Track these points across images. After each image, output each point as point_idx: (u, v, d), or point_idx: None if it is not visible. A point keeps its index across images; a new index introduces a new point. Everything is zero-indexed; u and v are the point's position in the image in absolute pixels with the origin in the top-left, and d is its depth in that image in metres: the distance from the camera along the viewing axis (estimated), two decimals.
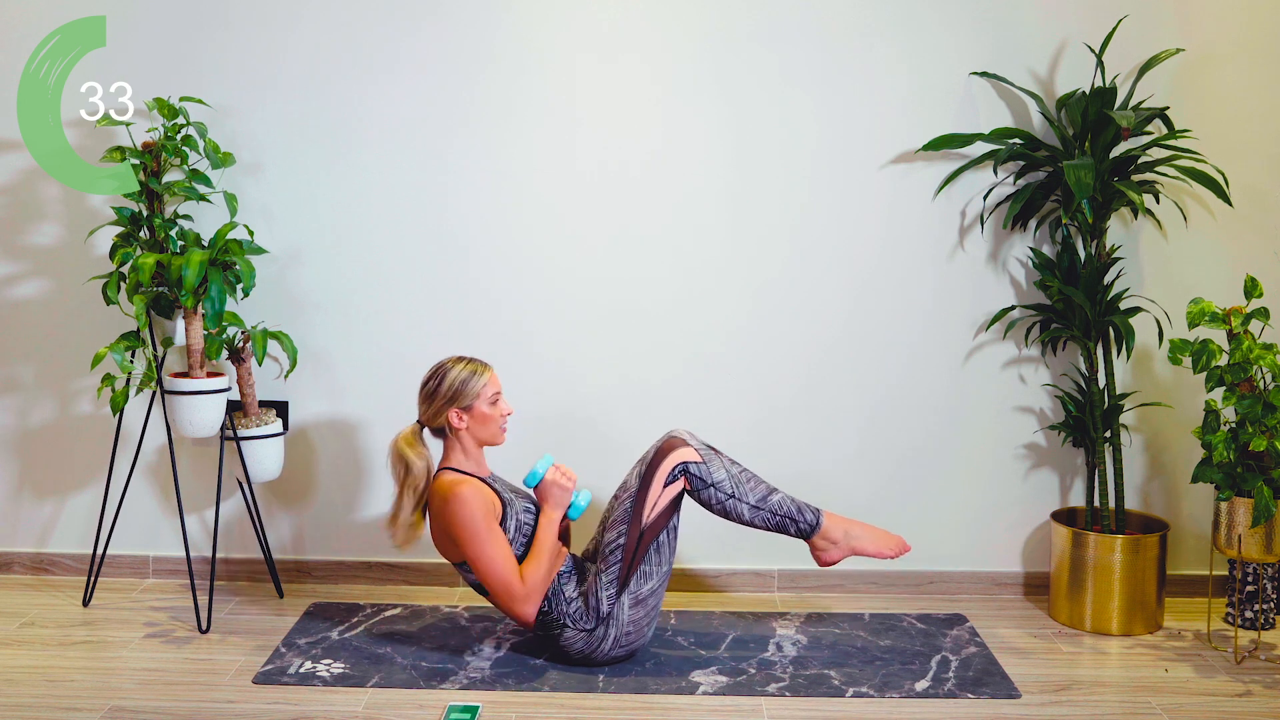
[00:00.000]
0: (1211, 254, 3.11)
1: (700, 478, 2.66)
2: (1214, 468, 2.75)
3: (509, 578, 2.61)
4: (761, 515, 2.68)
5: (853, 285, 3.16)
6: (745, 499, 2.68)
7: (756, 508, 2.68)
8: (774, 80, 3.10)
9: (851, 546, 2.70)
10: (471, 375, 2.71)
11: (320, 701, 2.51)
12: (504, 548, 2.62)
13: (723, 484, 2.67)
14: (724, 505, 2.67)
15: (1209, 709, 2.49)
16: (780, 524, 2.69)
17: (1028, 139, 3.01)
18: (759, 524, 2.69)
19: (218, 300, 2.86)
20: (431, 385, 2.72)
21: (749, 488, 2.69)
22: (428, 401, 2.72)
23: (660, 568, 2.66)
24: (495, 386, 2.74)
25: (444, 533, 2.67)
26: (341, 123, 3.14)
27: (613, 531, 2.67)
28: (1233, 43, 3.06)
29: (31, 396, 3.26)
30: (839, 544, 2.71)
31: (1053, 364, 3.17)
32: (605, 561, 2.65)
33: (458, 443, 2.73)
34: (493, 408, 2.73)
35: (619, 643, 2.65)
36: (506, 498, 2.70)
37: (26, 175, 3.19)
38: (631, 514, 2.65)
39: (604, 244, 3.16)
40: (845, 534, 2.70)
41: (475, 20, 3.10)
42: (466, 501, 2.60)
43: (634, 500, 2.66)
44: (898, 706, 2.50)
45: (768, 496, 2.69)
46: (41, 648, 2.80)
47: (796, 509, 2.69)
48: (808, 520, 2.68)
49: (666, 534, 2.66)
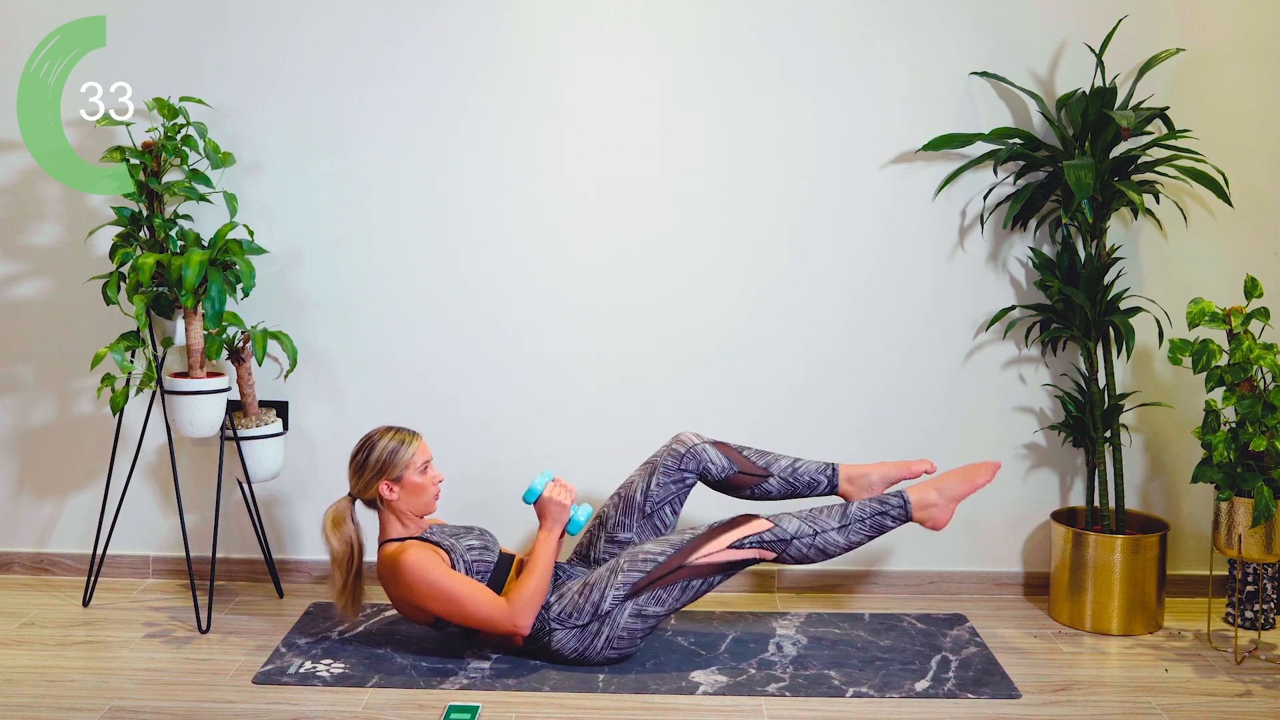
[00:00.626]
0: (1211, 254, 3.12)
1: (779, 540, 2.64)
2: (1214, 468, 2.75)
3: (490, 609, 2.60)
4: (850, 533, 2.65)
5: (853, 285, 3.16)
6: (828, 529, 2.64)
7: (844, 528, 2.64)
8: (774, 80, 3.10)
9: (952, 497, 2.69)
10: (400, 445, 2.70)
11: (320, 701, 2.51)
12: (469, 585, 2.61)
13: (802, 534, 2.64)
14: (821, 548, 2.64)
15: (1209, 709, 2.49)
16: (875, 526, 2.65)
17: (1028, 139, 3.01)
18: (857, 541, 2.66)
19: (218, 300, 2.86)
20: (360, 457, 2.71)
21: (823, 519, 2.66)
22: (358, 474, 2.72)
23: (676, 603, 2.64)
24: (425, 455, 2.72)
25: (408, 601, 2.67)
26: (341, 123, 3.14)
27: (656, 545, 2.65)
28: (1233, 43, 3.06)
29: (31, 396, 3.27)
30: (938, 505, 2.69)
31: (1053, 364, 3.17)
32: (630, 562, 2.64)
33: (392, 514, 2.73)
34: (423, 476, 2.71)
35: (611, 644, 2.64)
36: (447, 545, 2.69)
37: (26, 175, 3.19)
38: (685, 546, 2.63)
39: (604, 244, 3.16)
40: (938, 493, 2.69)
41: (475, 20, 3.10)
42: (414, 566, 2.60)
43: (694, 537, 2.65)
44: (898, 706, 2.50)
45: (844, 511, 2.66)
46: (41, 648, 2.80)
47: (878, 503, 2.66)
48: (895, 506, 2.66)
49: (702, 582, 2.64)
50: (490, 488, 3.21)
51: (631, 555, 2.66)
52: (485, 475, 3.21)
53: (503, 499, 3.20)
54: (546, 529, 2.68)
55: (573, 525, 2.72)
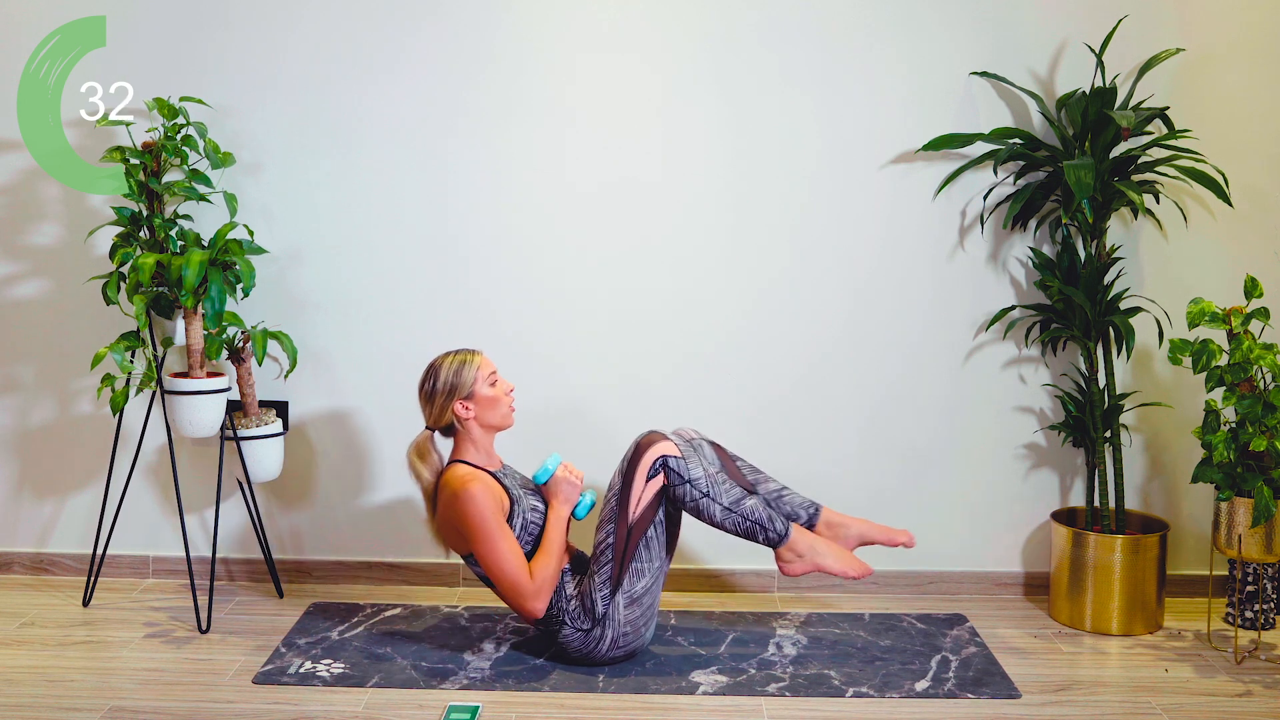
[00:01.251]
0: (1211, 254, 3.11)
1: (678, 472, 2.63)
2: (1214, 468, 2.75)
3: (518, 575, 2.61)
4: (732, 519, 2.65)
5: (853, 285, 3.16)
6: (719, 499, 2.64)
7: (729, 510, 2.64)
8: (774, 80, 3.10)
9: (815, 563, 2.68)
10: (463, 365, 2.71)
11: (320, 701, 2.51)
12: (513, 545, 2.62)
13: (699, 481, 2.64)
14: (697, 504, 2.64)
15: (1209, 709, 2.49)
16: (749, 530, 2.65)
17: (1028, 139, 3.01)
18: (729, 527, 2.66)
19: (218, 300, 2.86)
20: (429, 385, 2.72)
21: (724, 489, 2.65)
22: (429, 402, 2.72)
23: (652, 563, 2.65)
24: (490, 368, 2.74)
25: (452, 527, 2.67)
26: (341, 123, 3.14)
27: (601, 532, 2.67)
28: (1233, 43, 3.06)
29: (31, 396, 3.27)
30: (803, 558, 2.68)
31: (1053, 364, 3.17)
32: (597, 562, 2.65)
33: (468, 435, 2.73)
34: (493, 389, 2.73)
35: (616, 644, 2.65)
36: (515, 494, 2.69)
37: (26, 175, 3.19)
38: (618, 512, 2.64)
39: (604, 244, 3.16)
40: (810, 549, 2.68)
41: (475, 20, 3.10)
42: (476, 499, 2.60)
43: (619, 498, 2.65)
44: (898, 706, 2.50)
45: (741, 500, 2.65)
46: (41, 648, 2.80)
47: (768, 517, 2.65)
48: (776, 530, 2.65)
49: (655, 528, 2.65)
50: None
51: (594, 556, 2.67)
52: None
53: None
54: (557, 508, 2.69)
55: (580, 509, 2.73)
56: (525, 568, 2.62)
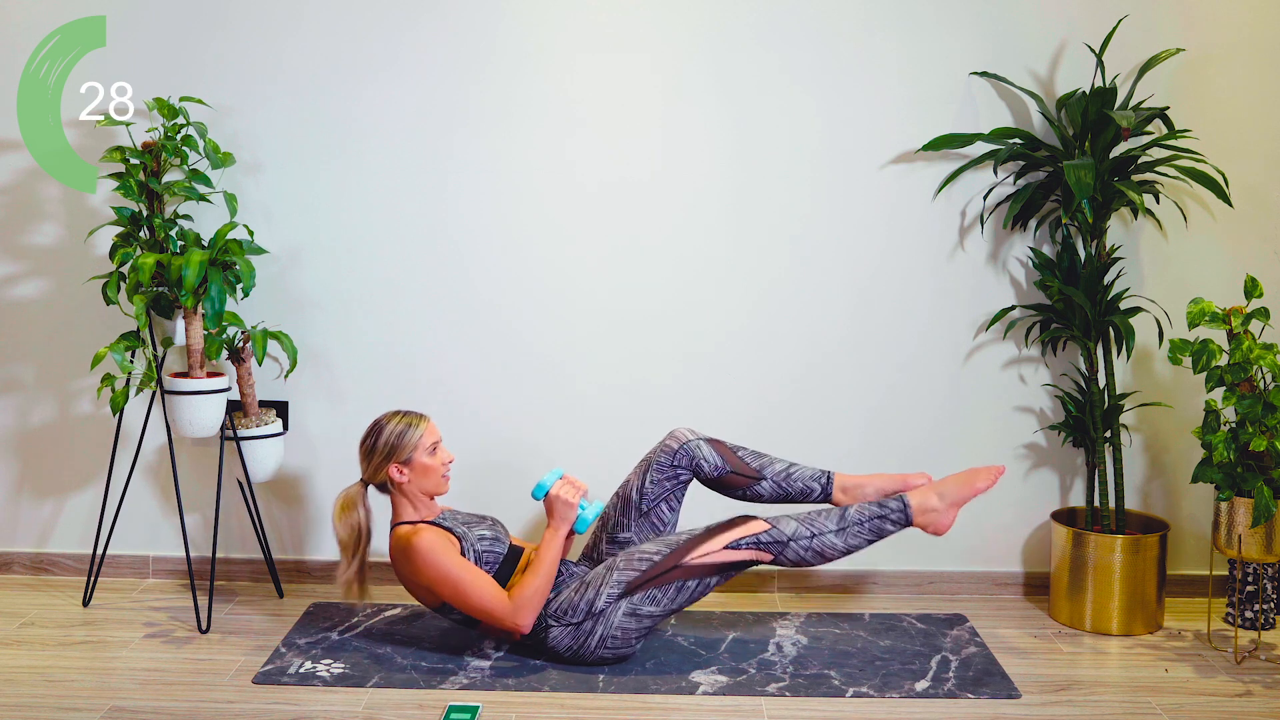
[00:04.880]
0: (1211, 254, 3.12)
1: (777, 542, 2.62)
2: (1214, 468, 2.75)
3: (493, 599, 2.60)
4: (848, 536, 2.62)
5: (853, 285, 3.16)
6: (826, 532, 2.62)
7: (841, 530, 2.62)
8: (774, 80, 3.10)
9: (954, 501, 2.65)
10: (408, 428, 2.71)
11: (320, 701, 2.51)
12: (475, 574, 2.62)
13: (799, 535, 2.62)
14: (814, 550, 2.61)
15: (1209, 709, 2.49)
16: (874, 530, 2.63)
17: (1028, 139, 3.01)
18: (856, 545, 2.63)
19: (218, 300, 2.86)
20: (369, 442, 2.72)
21: (819, 517, 2.64)
22: (367, 459, 2.73)
23: (671, 603, 2.63)
24: (434, 436, 2.73)
25: (415, 583, 2.69)
26: (341, 123, 3.14)
27: (653, 544, 2.65)
28: (1233, 43, 3.06)
29: (31, 396, 3.27)
30: (940, 510, 2.65)
31: (1053, 364, 3.17)
32: (627, 561, 2.63)
33: (403, 496, 2.74)
34: (432, 457, 2.72)
35: (605, 643, 2.63)
36: (459, 532, 2.69)
37: (26, 175, 3.19)
38: (680, 546, 2.63)
39: (604, 243, 3.16)
40: (940, 497, 2.66)
41: (475, 20, 3.10)
42: (424, 549, 2.61)
43: (690, 538, 2.64)
44: (897, 706, 2.50)
45: (843, 514, 2.64)
46: (41, 648, 2.80)
47: (877, 507, 2.64)
48: (895, 509, 2.63)
49: (699, 583, 2.63)
50: (491, 487, 3.21)
51: (628, 554, 2.66)
52: (486, 474, 3.21)
53: (503, 497, 3.19)
54: (553, 527, 2.68)
55: (580, 524, 2.70)
56: (498, 591, 2.62)
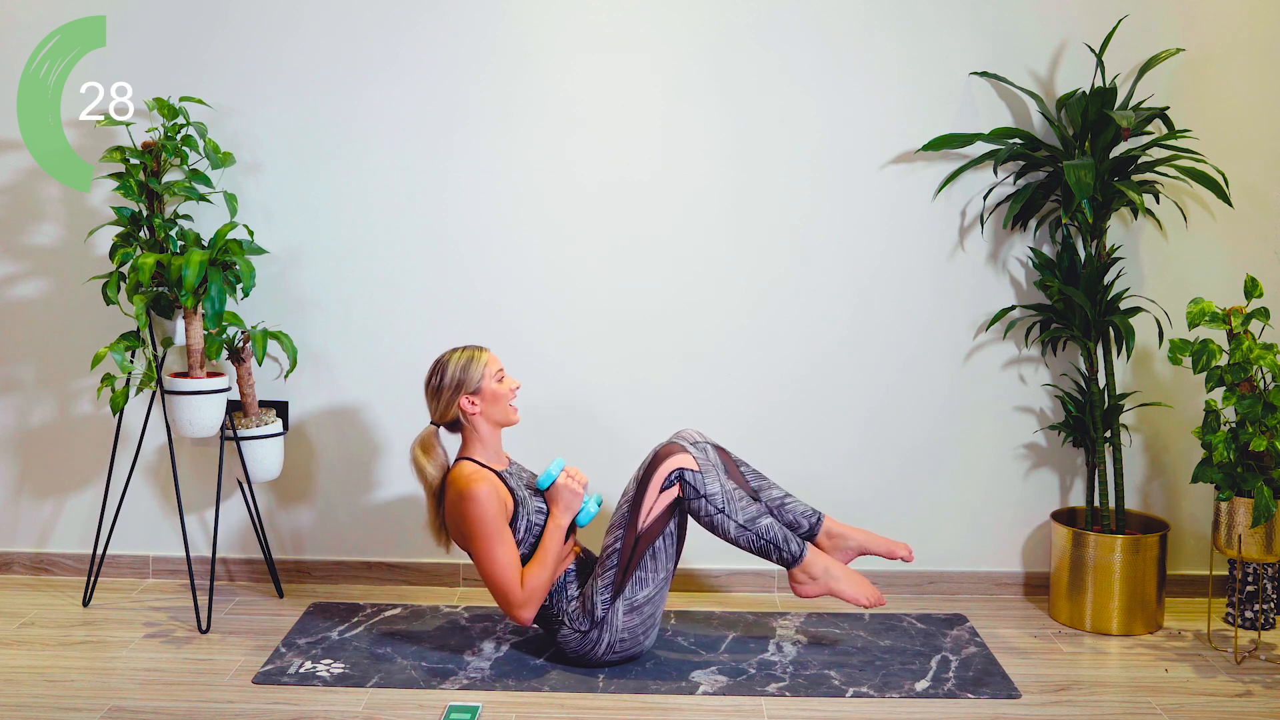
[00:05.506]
0: (1211, 254, 3.12)
1: (694, 486, 2.63)
2: (1214, 468, 2.75)
3: (509, 583, 2.60)
4: (747, 536, 2.65)
5: (853, 285, 3.16)
6: (734, 517, 2.64)
7: (744, 527, 2.64)
8: (774, 80, 3.10)
9: (829, 586, 2.67)
10: (471, 360, 2.72)
11: (320, 701, 2.51)
12: (509, 551, 2.61)
13: (714, 497, 2.64)
14: (712, 519, 2.64)
15: (1209, 709, 2.49)
16: (763, 549, 2.65)
17: (1028, 139, 3.01)
18: (743, 544, 2.66)
19: (218, 300, 2.86)
20: (435, 380, 2.72)
21: (740, 506, 2.65)
22: (435, 397, 2.72)
23: (657, 574, 2.64)
24: (496, 364, 2.74)
25: (455, 520, 2.68)
26: (341, 123, 3.14)
27: (610, 536, 2.66)
28: (1233, 43, 3.06)
29: (31, 396, 3.27)
30: (817, 580, 2.67)
31: (1053, 364, 3.17)
32: (602, 566, 2.65)
33: (474, 431, 2.73)
34: (499, 384, 2.73)
35: (613, 648, 2.64)
36: (520, 496, 2.69)
37: (26, 175, 3.19)
38: (628, 519, 2.64)
39: (604, 243, 3.17)
40: (825, 572, 2.67)
41: (475, 20, 3.10)
42: (479, 501, 2.60)
43: (630, 505, 2.65)
44: (897, 706, 2.50)
45: (757, 519, 2.65)
46: (41, 648, 2.80)
47: (783, 537, 2.65)
48: (791, 551, 2.65)
49: (663, 540, 2.64)
50: None
51: (599, 559, 2.67)
52: None
53: None
54: (557, 516, 2.68)
55: (583, 515, 2.72)
56: (518, 576, 2.61)
